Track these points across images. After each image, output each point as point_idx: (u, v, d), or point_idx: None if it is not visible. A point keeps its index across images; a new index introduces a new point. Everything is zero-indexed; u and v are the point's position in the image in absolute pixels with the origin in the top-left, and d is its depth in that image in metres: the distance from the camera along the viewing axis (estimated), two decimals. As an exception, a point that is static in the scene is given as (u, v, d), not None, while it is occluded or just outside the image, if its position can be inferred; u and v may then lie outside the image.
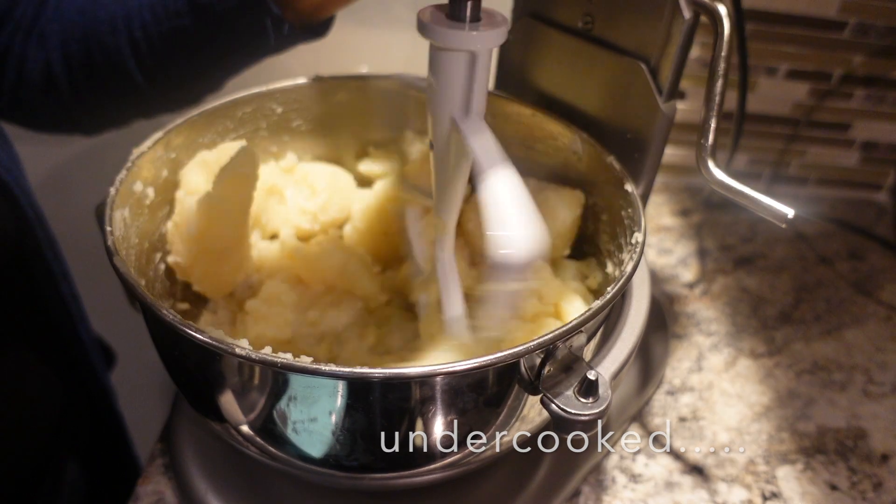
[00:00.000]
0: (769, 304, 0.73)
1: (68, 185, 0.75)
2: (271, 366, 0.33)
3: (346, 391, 0.34)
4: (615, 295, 0.38)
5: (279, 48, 0.49)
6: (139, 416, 0.75)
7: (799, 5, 0.78)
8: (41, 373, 0.55)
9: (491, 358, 0.33)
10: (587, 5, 0.49)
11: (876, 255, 0.82)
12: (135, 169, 0.45)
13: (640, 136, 0.48)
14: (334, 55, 0.70)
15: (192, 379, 0.41)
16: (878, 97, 0.86)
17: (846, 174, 0.93)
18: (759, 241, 0.83)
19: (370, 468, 0.39)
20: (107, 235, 0.39)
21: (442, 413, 0.36)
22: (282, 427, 0.37)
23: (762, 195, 0.39)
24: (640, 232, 0.43)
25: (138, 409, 0.80)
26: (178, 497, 0.49)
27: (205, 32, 0.47)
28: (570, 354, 0.37)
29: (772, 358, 0.66)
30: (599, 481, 0.53)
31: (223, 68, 0.52)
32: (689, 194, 0.91)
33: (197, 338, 0.33)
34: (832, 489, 0.54)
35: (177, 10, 0.47)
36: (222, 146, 0.52)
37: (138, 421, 0.73)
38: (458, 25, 0.35)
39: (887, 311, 0.73)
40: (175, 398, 0.55)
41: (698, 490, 0.53)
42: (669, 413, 0.59)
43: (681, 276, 0.76)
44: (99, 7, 0.50)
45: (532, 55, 0.55)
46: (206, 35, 0.48)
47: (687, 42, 0.44)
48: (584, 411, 0.34)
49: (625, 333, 0.44)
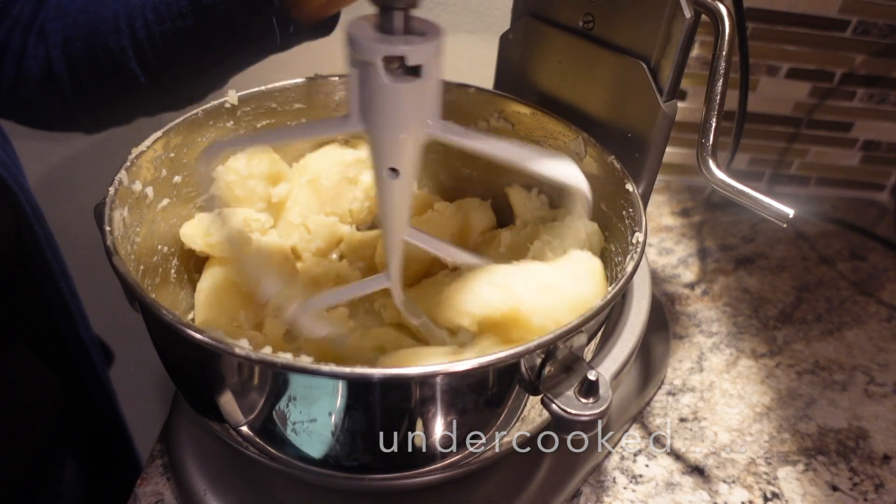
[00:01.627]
0: (770, 305, 0.73)
1: (68, 184, 0.75)
2: (271, 366, 0.33)
3: (345, 391, 0.34)
4: (615, 295, 0.38)
5: (285, 46, 0.49)
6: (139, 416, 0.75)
7: (800, 4, 0.78)
8: (41, 372, 0.55)
9: (491, 358, 0.33)
10: (587, 5, 0.49)
11: (877, 255, 0.82)
12: (134, 168, 0.45)
13: (640, 136, 0.48)
14: (335, 55, 0.70)
15: (191, 379, 0.41)
16: (879, 96, 0.86)
17: (847, 174, 0.93)
18: (760, 240, 0.83)
19: (370, 468, 0.39)
20: (106, 235, 0.39)
21: (442, 413, 0.36)
22: (281, 427, 0.37)
23: (763, 195, 0.39)
24: (641, 232, 0.43)
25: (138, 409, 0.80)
26: (178, 497, 0.49)
27: (209, 33, 0.47)
28: (571, 354, 0.37)
29: (773, 358, 0.66)
30: (600, 482, 0.53)
31: (228, 67, 0.52)
32: (689, 194, 0.91)
33: (196, 338, 0.33)
34: (833, 490, 0.54)
35: (180, 11, 0.47)
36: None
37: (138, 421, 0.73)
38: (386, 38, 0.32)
39: (889, 311, 0.73)
40: (175, 398, 0.55)
41: (699, 491, 0.53)
42: (670, 413, 0.59)
43: (682, 276, 0.76)
44: (101, 6, 0.50)
45: (532, 55, 0.55)
46: (210, 35, 0.47)
47: (688, 41, 0.44)
48: (585, 411, 0.34)
49: (625, 333, 0.44)
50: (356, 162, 0.57)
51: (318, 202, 0.57)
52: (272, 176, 0.55)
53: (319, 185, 0.56)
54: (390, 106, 0.33)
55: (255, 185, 0.54)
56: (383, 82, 0.32)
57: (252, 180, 0.54)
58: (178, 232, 0.50)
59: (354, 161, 0.57)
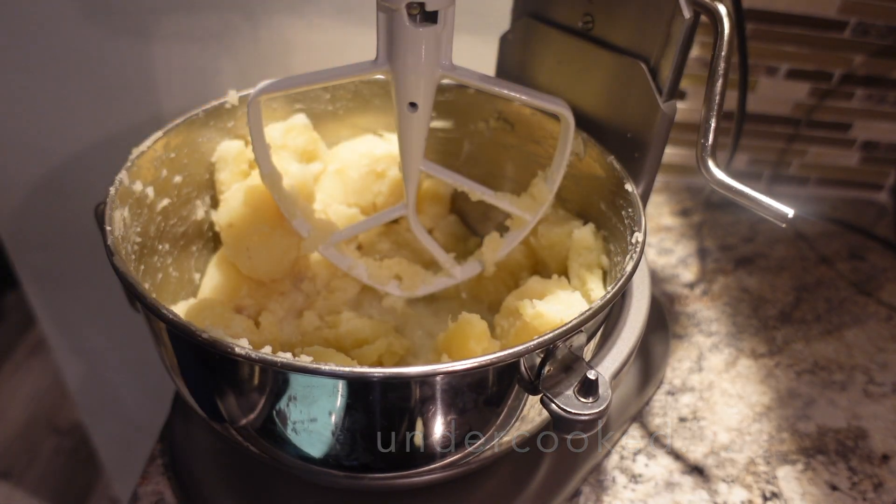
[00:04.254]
0: (769, 304, 0.73)
1: (68, 184, 0.75)
2: (271, 365, 0.33)
3: (345, 391, 0.34)
4: (615, 295, 0.38)
5: None
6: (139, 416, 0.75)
7: (799, 5, 0.78)
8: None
9: (491, 357, 0.33)
10: (587, 5, 0.49)
11: (876, 255, 0.82)
12: (134, 168, 0.45)
13: (640, 136, 0.48)
14: (335, 55, 0.70)
15: (191, 378, 0.41)
16: (878, 97, 0.86)
17: (847, 174, 0.93)
18: (759, 240, 0.83)
19: (370, 468, 0.39)
20: (106, 235, 0.39)
21: (442, 413, 0.36)
22: (282, 427, 0.37)
23: (762, 195, 0.39)
24: (641, 232, 0.43)
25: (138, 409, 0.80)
26: (178, 497, 0.49)
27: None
28: (570, 354, 0.37)
29: (772, 358, 0.66)
30: (599, 481, 0.53)
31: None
32: (689, 194, 0.91)
33: (196, 338, 0.33)
34: (832, 489, 0.54)
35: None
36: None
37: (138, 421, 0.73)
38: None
39: (888, 311, 0.73)
40: (175, 398, 0.55)
41: (698, 490, 0.53)
42: (670, 413, 0.59)
43: (681, 276, 0.76)
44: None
45: (532, 55, 0.55)
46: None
47: (687, 42, 0.44)
48: (584, 411, 0.34)
49: (625, 333, 0.44)
50: (386, 156, 0.58)
51: (344, 192, 0.57)
52: (307, 153, 0.57)
53: (346, 175, 0.57)
54: (411, 47, 0.40)
55: (287, 157, 0.55)
56: (406, 25, 0.38)
57: (285, 151, 0.55)
58: (178, 232, 0.51)
59: (384, 155, 0.58)
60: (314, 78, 0.44)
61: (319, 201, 0.57)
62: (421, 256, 0.58)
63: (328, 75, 0.44)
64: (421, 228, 0.52)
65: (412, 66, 0.41)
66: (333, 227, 0.51)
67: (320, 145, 0.58)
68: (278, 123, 0.56)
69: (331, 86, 0.57)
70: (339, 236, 0.51)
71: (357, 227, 0.52)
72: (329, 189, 0.57)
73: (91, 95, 0.70)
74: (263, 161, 0.47)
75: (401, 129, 0.45)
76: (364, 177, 0.57)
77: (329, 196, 0.57)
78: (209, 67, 0.70)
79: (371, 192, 0.58)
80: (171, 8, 0.66)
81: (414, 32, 0.39)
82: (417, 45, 0.40)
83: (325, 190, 0.57)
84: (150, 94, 0.71)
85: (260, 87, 0.44)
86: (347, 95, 0.58)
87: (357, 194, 0.58)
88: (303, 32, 0.69)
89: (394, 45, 0.40)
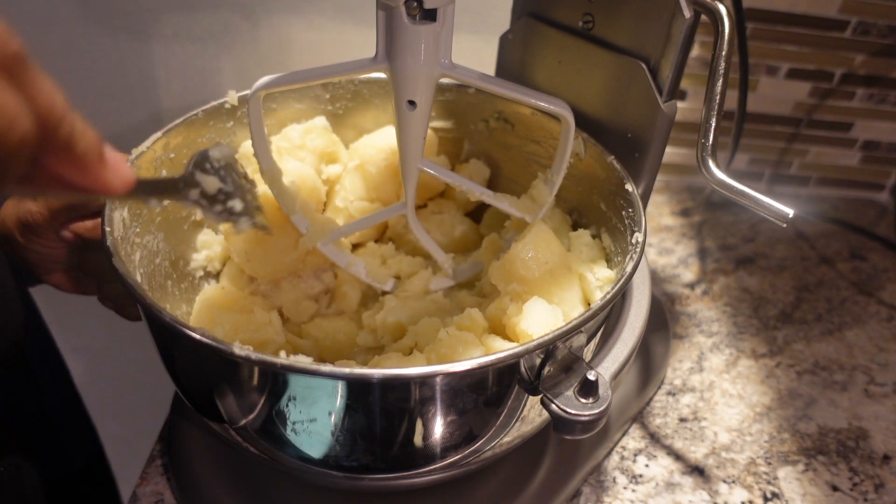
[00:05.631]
0: (770, 304, 0.73)
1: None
2: (271, 366, 0.33)
3: (345, 392, 0.34)
4: (615, 295, 0.38)
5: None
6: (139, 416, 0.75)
7: (800, 4, 0.78)
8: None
9: (491, 358, 0.33)
10: (587, 5, 0.49)
11: (877, 255, 0.82)
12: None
13: (640, 136, 0.48)
14: (334, 54, 0.70)
15: (191, 379, 0.41)
16: (879, 96, 0.85)
17: (847, 174, 0.93)
18: (760, 240, 0.83)
19: (370, 468, 0.39)
20: (106, 235, 0.39)
21: (442, 414, 0.36)
22: (281, 427, 0.37)
23: (763, 195, 0.39)
24: (641, 232, 0.43)
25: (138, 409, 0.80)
26: (178, 497, 0.49)
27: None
28: (570, 354, 0.37)
29: (773, 358, 0.66)
30: (600, 482, 0.53)
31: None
32: (689, 194, 0.91)
33: (197, 338, 0.33)
34: (833, 490, 0.54)
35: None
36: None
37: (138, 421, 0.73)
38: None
39: (889, 311, 0.73)
40: (175, 398, 0.55)
41: (699, 491, 0.53)
42: (670, 413, 0.59)
43: (681, 276, 0.76)
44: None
45: (532, 55, 0.55)
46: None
47: (687, 41, 0.44)
48: (584, 411, 0.34)
49: (625, 333, 0.44)
50: None
51: (365, 188, 0.57)
52: (326, 155, 0.57)
53: (366, 171, 0.57)
54: (410, 45, 0.40)
55: (305, 157, 0.55)
56: (405, 23, 0.38)
57: (303, 151, 0.55)
58: (178, 231, 0.51)
59: None
60: (314, 74, 0.44)
61: (341, 198, 0.57)
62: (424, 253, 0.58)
63: (328, 72, 0.44)
64: (419, 227, 0.52)
65: (411, 64, 0.41)
66: (332, 224, 0.51)
67: (339, 147, 0.58)
68: (297, 125, 0.56)
69: (331, 86, 0.57)
70: (337, 233, 0.51)
71: (356, 224, 0.52)
72: (350, 186, 0.57)
73: (90, 95, 0.70)
74: (263, 156, 0.47)
75: (399, 128, 0.45)
76: (383, 172, 0.57)
77: (351, 193, 0.57)
78: (209, 67, 0.70)
79: (392, 187, 0.58)
80: (171, 7, 0.66)
81: (413, 30, 0.39)
82: (416, 43, 0.40)
83: (346, 187, 0.57)
84: (150, 94, 0.71)
85: (260, 82, 0.44)
86: (347, 95, 0.58)
87: (378, 190, 0.57)
88: (302, 32, 0.69)
89: (393, 42, 0.40)
